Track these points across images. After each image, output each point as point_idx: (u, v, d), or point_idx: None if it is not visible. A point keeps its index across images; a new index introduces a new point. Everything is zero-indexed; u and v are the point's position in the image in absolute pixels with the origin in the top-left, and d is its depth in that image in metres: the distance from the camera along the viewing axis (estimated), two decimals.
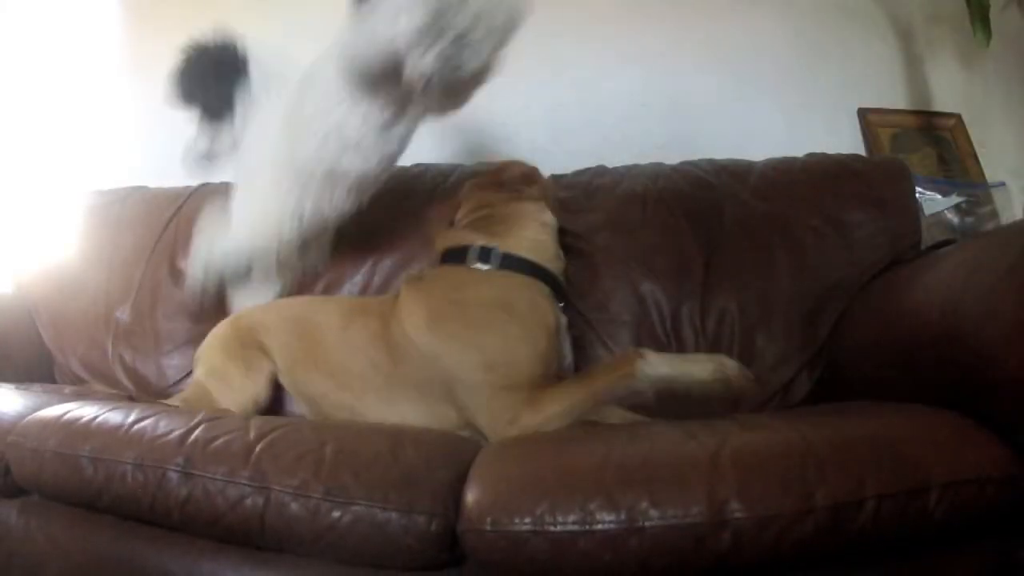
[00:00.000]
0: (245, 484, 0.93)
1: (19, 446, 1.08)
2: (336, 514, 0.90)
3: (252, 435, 0.98)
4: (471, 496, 0.91)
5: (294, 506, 0.91)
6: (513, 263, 1.33)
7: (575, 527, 0.84)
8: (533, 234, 1.39)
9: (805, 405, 1.47)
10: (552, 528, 0.84)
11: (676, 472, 0.88)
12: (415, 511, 0.89)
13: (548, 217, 1.44)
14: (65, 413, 1.10)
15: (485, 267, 1.32)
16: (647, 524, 0.83)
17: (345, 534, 0.90)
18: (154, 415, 1.07)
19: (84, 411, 1.09)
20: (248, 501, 0.92)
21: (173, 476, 0.95)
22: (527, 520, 0.85)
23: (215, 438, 0.98)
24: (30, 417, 1.12)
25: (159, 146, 2.07)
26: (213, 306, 1.61)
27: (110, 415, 1.07)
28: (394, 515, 0.89)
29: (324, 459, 0.94)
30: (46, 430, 1.07)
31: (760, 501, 0.83)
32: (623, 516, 0.84)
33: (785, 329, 1.51)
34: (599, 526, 0.84)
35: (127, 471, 0.97)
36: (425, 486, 0.93)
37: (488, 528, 0.87)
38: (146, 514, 0.98)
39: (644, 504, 0.84)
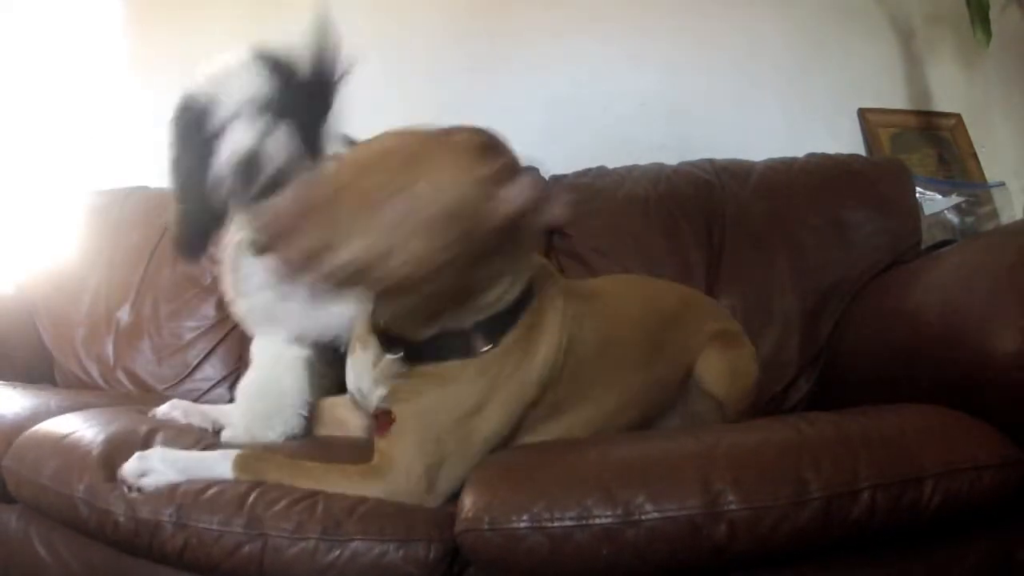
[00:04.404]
0: (240, 532, 0.91)
1: (16, 470, 1.07)
2: (335, 553, 0.89)
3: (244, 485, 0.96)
4: (468, 498, 0.91)
5: (292, 550, 0.90)
6: None
7: (572, 523, 0.85)
8: None
9: (804, 406, 1.47)
10: (550, 524, 0.85)
11: (671, 467, 0.89)
12: (412, 539, 0.89)
13: None
14: (63, 436, 1.07)
15: None
16: (644, 517, 0.84)
17: (344, 570, 0.89)
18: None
19: (82, 435, 1.07)
20: (245, 549, 0.91)
21: (167, 527, 0.93)
22: (524, 517, 0.86)
23: (207, 486, 0.96)
24: (28, 433, 1.11)
25: (159, 146, 2.07)
26: None
27: (104, 448, 1.03)
28: (392, 546, 0.89)
29: (318, 497, 0.93)
30: (43, 453, 1.06)
31: (755, 492, 0.84)
32: (620, 510, 0.84)
33: (786, 330, 1.52)
34: (596, 521, 0.84)
35: (119, 520, 0.95)
36: (419, 512, 0.92)
37: (486, 527, 0.87)
38: (143, 555, 0.97)
39: (640, 498, 0.85)
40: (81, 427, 1.10)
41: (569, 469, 0.93)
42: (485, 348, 0.95)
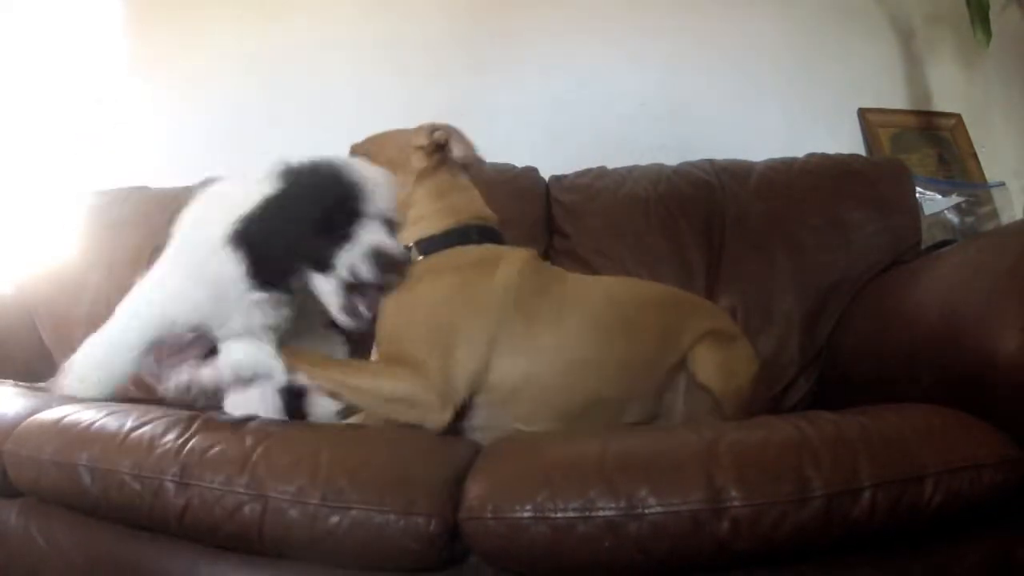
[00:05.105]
0: (242, 492, 0.92)
1: (16, 453, 1.07)
2: (334, 519, 0.90)
3: (248, 442, 0.98)
4: (473, 487, 0.92)
5: (292, 512, 0.91)
6: None
7: (575, 514, 0.85)
8: None
9: (804, 406, 1.47)
10: (553, 515, 0.86)
11: (674, 461, 0.89)
12: (413, 512, 0.89)
13: None
14: (62, 418, 1.09)
15: None
16: (647, 511, 0.84)
17: (344, 538, 0.89)
18: (151, 421, 1.06)
19: (81, 416, 1.08)
20: (246, 509, 0.92)
21: (170, 487, 0.94)
22: (528, 507, 0.86)
23: (211, 446, 0.97)
24: (28, 421, 1.11)
25: (159, 146, 2.08)
26: None
27: (107, 420, 1.06)
28: (392, 517, 0.89)
29: (320, 463, 0.93)
30: (43, 436, 1.06)
31: (757, 489, 0.84)
32: (623, 503, 0.85)
33: (786, 330, 1.52)
34: (599, 513, 0.85)
35: (124, 481, 0.96)
36: (422, 486, 0.92)
37: (489, 515, 0.87)
38: (145, 522, 0.98)
39: (644, 491, 0.85)
40: (79, 410, 1.11)
41: (572, 460, 0.93)
42: (419, 257, 1.24)
